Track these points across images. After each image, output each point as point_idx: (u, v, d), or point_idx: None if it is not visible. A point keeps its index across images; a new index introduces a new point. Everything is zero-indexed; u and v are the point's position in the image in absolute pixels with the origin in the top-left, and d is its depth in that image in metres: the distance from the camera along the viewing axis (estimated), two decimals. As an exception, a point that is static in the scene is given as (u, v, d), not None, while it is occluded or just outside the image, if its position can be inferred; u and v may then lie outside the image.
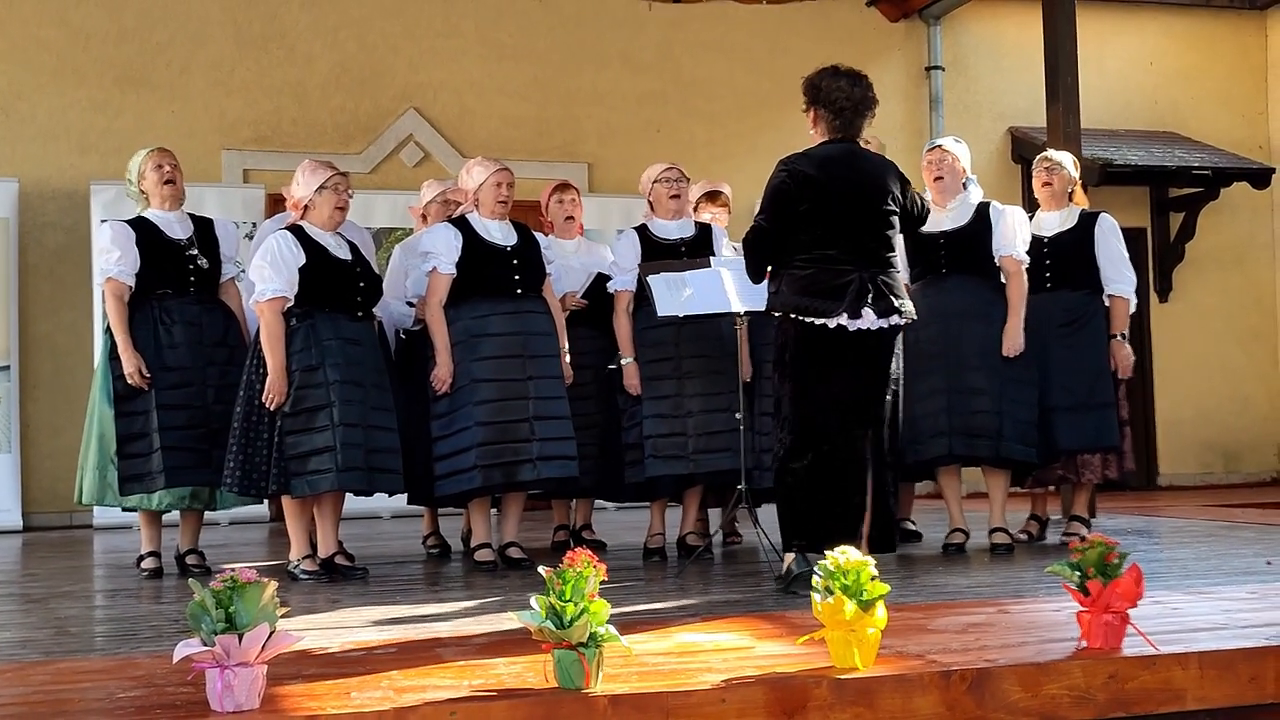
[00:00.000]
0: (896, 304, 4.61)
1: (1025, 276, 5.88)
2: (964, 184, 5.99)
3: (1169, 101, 11.70)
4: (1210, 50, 11.85)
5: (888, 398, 4.70)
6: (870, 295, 4.56)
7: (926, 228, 5.91)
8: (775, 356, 4.78)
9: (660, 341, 5.76)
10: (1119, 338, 6.10)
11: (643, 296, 5.76)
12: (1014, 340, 5.79)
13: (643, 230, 5.97)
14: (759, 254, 4.79)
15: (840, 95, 4.71)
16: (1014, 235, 5.87)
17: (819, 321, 4.55)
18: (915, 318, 4.78)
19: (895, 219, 4.77)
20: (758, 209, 4.87)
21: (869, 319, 4.55)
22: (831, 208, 4.62)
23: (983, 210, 5.93)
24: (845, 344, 4.56)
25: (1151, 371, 11.25)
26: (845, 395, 4.60)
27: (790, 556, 4.61)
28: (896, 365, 4.74)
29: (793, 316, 4.60)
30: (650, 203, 6.05)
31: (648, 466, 5.71)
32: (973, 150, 6.35)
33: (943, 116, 11.03)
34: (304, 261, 5.28)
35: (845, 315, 4.53)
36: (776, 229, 4.66)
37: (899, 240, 4.94)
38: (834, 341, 4.56)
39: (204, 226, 5.77)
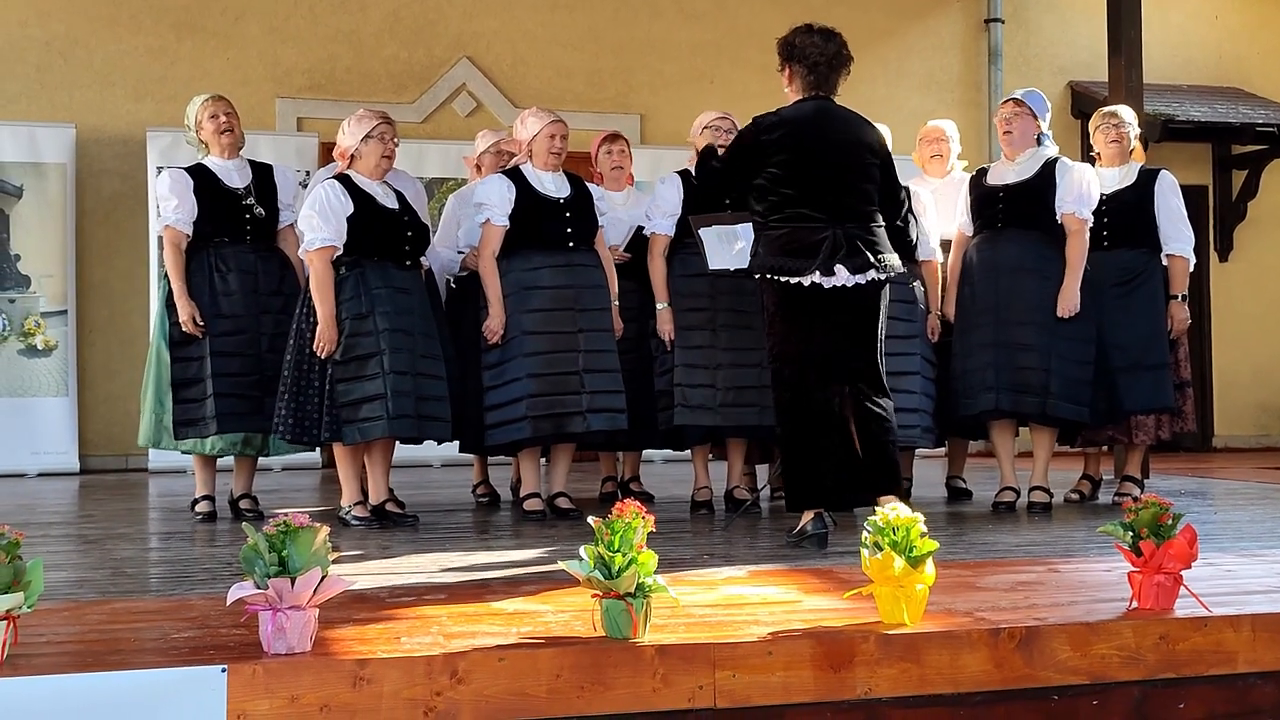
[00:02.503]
0: (873, 259, 4.58)
1: (1087, 236, 5.76)
2: (1039, 139, 5.89)
3: (1233, 56, 11.46)
4: (1277, 5, 11.58)
5: (870, 351, 4.67)
6: (843, 252, 4.53)
7: (992, 181, 5.87)
8: (762, 318, 4.78)
9: (697, 292, 5.73)
10: (1178, 299, 6.01)
11: (679, 243, 5.73)
12: (1069, 301, 5.67)
13: (687, 176, 5.91)
14: (704, 190, 5.03)
15: (814, 51, 4.71)
16: (1079, 193, 5.71)
17: (794, 280, 4.54)
18: (898, 271, 4.75)
19: (875, 171, 4.73)
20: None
21: (842, 276, 4.53)
22: (803, 166, 4.61)
23: (1049, 166, 5.79)
24: (823, 301, 4.55)
25: (1210, 332, 11.10)
26: (826, 353, 4.59)
27: (808, 515, 4.60)
28: (882, 319, 4.72)
29: (769, 277, 4.60)
30: (697, 149, 5.99)
31: (676, 415, 5.71)
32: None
33: (1001, 70, 10.86)
34: (351, 210, 5.29)
35: (818, 273, 4.52)
36: (726, 171, 4.82)
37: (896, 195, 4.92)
38: (811, 299, 4.55)
39: (263, 173, 5.78)
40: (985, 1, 10.97)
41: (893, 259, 4.68)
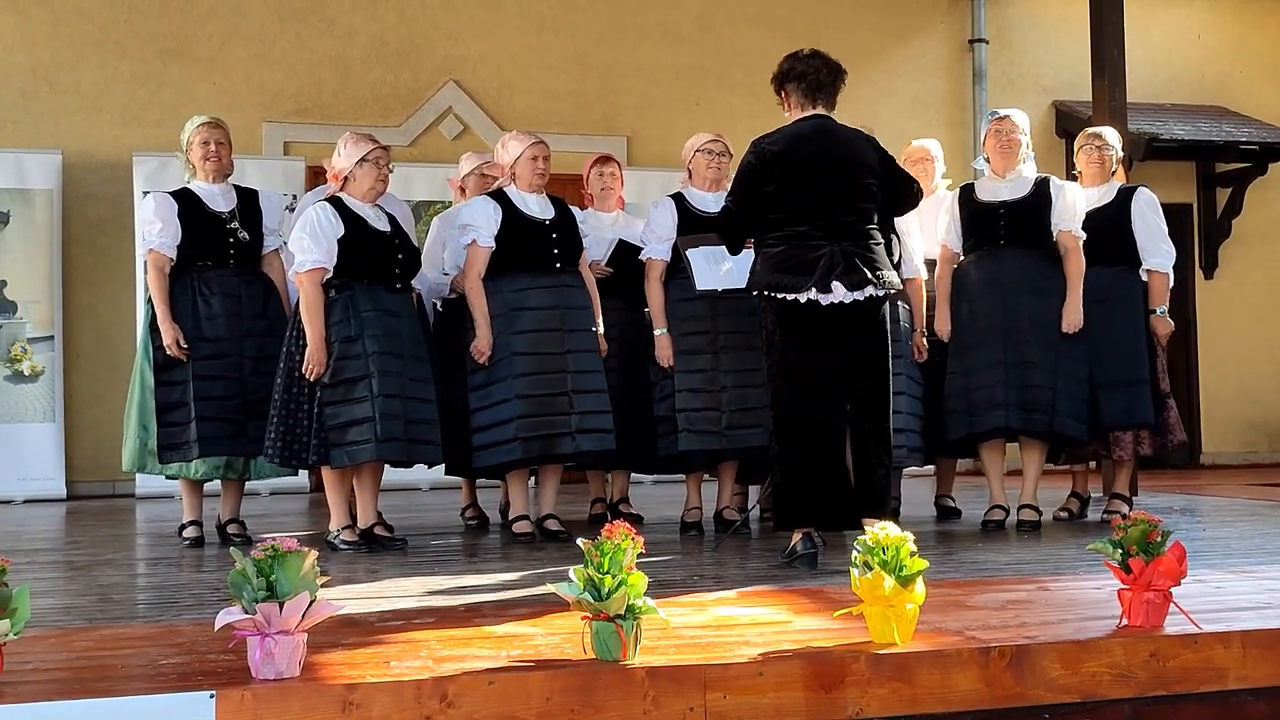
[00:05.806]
0: (871, 275, 4.57)
1: (1083, 253, 5.81)
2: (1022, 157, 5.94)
3: (1216, 75, 11.53)
4: (1259, 23, 11.66)
5: (875, 371, 4.66)
6: (840, 268, 4.53)
7: (985, 197, 5.90)
8: (761, 336, 4.78)
9: (697, 315, 5.74)
10: (1158, 312, 6.03)
11: (676, 267, 5.75)
12: (1074, 317, 5.73)
13: (679, 199, 5.94)
14: (726, 235, 4.92)
15: (804, 66, 4.74)
16: (1073, 211, 5.81)
17: (790, 297, 4.55)
18: (897, 289, 4.74)
19: (874, 189, 4.72)
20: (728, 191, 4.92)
21: (839, 292, 4.53)
22: (800, 184, 4.62)
23: (1042, 184, 5.86)
24: (821, 318, 4.55)
25: (1196, 349, 11.14)
26: (825, 370, 4.58)
27: (798, 535, 4.60)
28: (887, 338, 4.72)
29: (767, 293, 4.61)
30: (689, 170, 6.03)
31: (680, 440, 5.70)
32: (1016, 125, 6.27)
33: (986, 90, 10.92)
34: (343, 233, 5.30)
35: (814, 289, 4.52)
36: (741, 210, 4.74)
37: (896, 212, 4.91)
38: (809, 316, 4.55)
39: (248, 198, 5.78)
40: (969, 23, 11.04)
41: (891, 276, 4.67)
